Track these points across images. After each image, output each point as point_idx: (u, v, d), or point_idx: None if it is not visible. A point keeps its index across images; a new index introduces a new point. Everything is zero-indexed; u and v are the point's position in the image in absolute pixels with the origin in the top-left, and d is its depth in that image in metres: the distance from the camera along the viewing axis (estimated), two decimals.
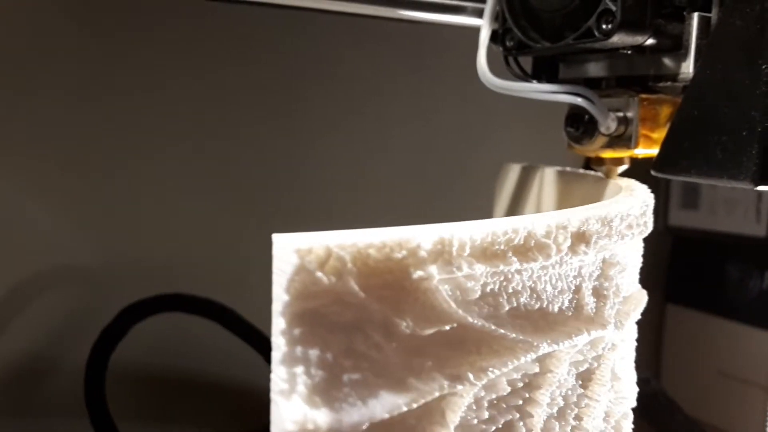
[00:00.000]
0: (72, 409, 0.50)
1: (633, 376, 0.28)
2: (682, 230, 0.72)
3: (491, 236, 0.19)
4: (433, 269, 0.18)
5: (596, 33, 0.29)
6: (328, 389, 0.17)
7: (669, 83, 0.32)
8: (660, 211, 0.72)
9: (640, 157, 0.35)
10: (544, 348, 0.21)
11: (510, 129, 0.65)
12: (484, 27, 0.34)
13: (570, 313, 0.23)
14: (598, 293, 0.24)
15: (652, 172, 0.30)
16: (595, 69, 0.35)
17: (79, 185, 0.52)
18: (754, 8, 0.26)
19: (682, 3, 0.30)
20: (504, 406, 0.21)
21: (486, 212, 0.44)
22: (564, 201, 0.37)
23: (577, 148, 0.36)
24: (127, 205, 0.53)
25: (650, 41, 0.30)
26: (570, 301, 0.23)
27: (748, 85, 0.26)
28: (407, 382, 0.18)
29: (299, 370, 0.17)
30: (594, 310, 0.24)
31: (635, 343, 0.28)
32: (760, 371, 0.65)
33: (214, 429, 0.58)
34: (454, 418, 0.19)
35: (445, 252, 0.18)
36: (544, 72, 0.37)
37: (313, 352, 0.17)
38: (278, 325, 0.17)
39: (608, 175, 0.36)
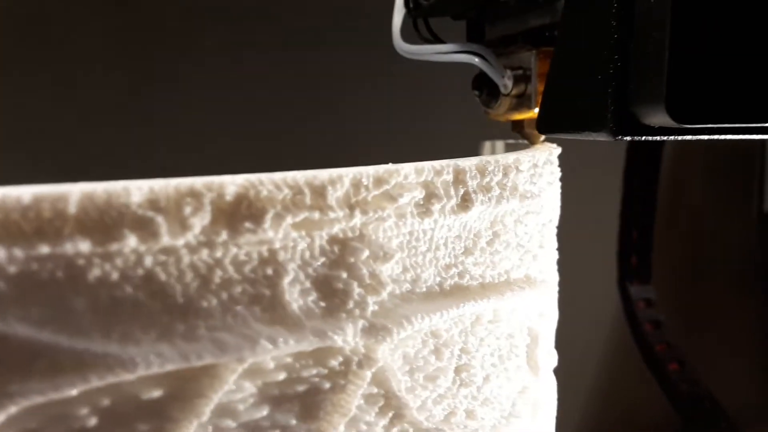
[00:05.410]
0: None
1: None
2: None
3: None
4: None
5: None
6: None
7: None
8: (755, 196, 0.59)
9: None
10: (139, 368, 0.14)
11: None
12: None
13: (246, 314, 0.15)
14: (324, 286, 0.16)
15: (536, 132, 0.26)
16: (504, 27, 0.31)
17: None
18: None
19: None
20: None
21: None
22: None
23: (489, 113, 0.31)
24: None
25: None
26: (250, 296, 0.15)
27: (602, 22, 0.21)
28: None
29: None
30: (315, 310, 0.16)
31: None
32: None
33: None
34: None
35: None
36: (475, 37, 0.32)
37: None
38: None
39: (532, 141, 0.30)
